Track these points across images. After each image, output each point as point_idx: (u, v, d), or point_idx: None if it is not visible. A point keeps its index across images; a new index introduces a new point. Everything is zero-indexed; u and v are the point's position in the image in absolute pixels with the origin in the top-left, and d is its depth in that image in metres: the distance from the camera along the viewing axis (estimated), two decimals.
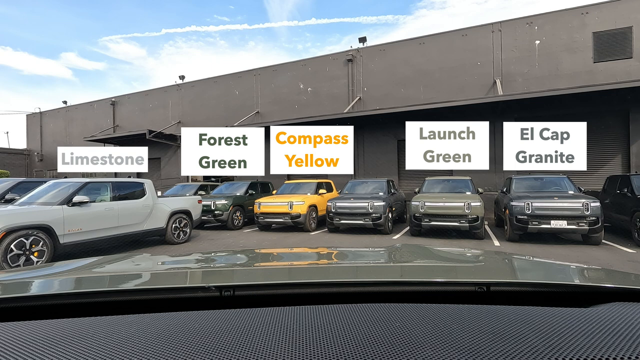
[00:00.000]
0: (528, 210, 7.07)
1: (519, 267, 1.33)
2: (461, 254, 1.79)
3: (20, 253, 5.29)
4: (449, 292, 0.90)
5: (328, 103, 14.94)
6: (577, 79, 11.33)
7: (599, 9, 11.45)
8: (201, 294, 0.85)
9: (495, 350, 0.54)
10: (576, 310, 0.70)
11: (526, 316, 0.67)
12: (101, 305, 0.83)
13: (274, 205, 9.76)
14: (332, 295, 0.90)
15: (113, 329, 0.66)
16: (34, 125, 24.41)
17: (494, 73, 12.54)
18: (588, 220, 6.75)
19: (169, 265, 1.47)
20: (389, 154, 13.87)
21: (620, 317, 0.67)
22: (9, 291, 0.94)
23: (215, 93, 17.90)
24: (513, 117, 11.96)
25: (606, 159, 11.29)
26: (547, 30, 12.01)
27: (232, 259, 1.65)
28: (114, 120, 21.02)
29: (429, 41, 13.70)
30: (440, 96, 12.71)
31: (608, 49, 11.28)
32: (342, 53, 15.15)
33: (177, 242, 7.94)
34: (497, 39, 12.57)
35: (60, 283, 1.13)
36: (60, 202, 6.06)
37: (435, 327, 0.63)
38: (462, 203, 7.73)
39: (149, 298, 0.88)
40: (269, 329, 0.63)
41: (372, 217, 8.62)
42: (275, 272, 1.36)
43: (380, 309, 0.72)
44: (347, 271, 1.34)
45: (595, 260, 5.84)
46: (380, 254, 1.67)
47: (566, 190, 7.90)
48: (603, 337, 0.58)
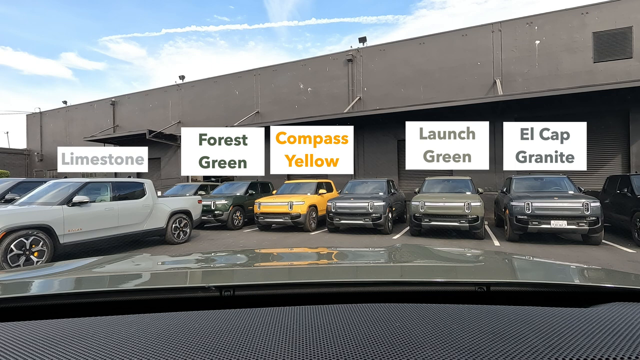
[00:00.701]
0: (528, 210, 7.07)
1: (519, 267, 1.33)
2: (461, 254, 1.78)
3: (20, 253, 5.29)
4: (449, 292, 0.89)
5: (328, 103, 14.94)
6: (577, 79, 11.34)
7: (599, 9, 11.45)
8: (201, 294, 0.85)
9: (495, 350, 0.54)
10: (576, 310, 0.70)
11: (526, 316, 0.67)
12: (101, 305, 0.83)
13: (274, 205, 9.76)
14: (332, 295, 0.90)
15: (113, 329, 0.66)
16: (34, 125, 24.41)
17: (494, 73, 12.54)
18: (588, 220, 6.75)
19: (169, 265, 1.47)
20: (389, 154, 13.88)
21: (620, 317, 0.67)
22: (9, 291, 0.94)
23: (215, 93, 17.90)
24: (513, 117, 11.96)
25: (606, 159, 11.29)
26: (547, 30, 12.01)
27: (232, 259, 1.65)
28: (114, 120, 21.02)
29: (429, 41, 13.70)
30: (440, 96, 12.71)
31: (608, 49, 11.28)
32: (342, 53, 15.15)
33: (177, 242, 7.94)
34: (497, 39, 12.58)
35: (60, 283, 1.13)
36: (60, 202, 6.06)
37: (435, 327, 0.63)
38: (462, 203, 7.73)
39: (149, 298, 0.88)
40: (269, 329, 0.63)
41: (372, 217, 8.62)
42: (275, 272, 1.35)
43: (380, 309, 0.72)
44: (347, 271, 1.33)
45: (595, 260, 5.83)
46: (380, 254, 1.67)
47: (566, 190, 7.90)
48: (603, 337, 0.58)
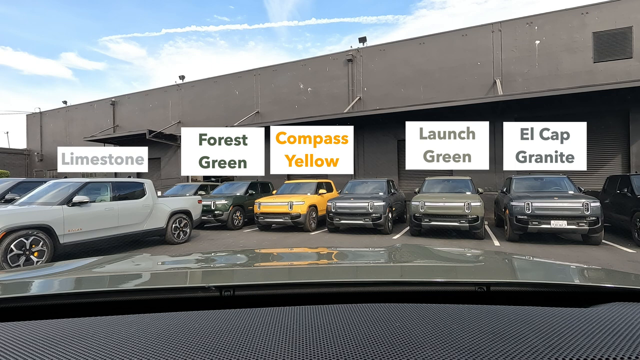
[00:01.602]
0: (528, 210, 7.07)
1: (518, 267, 1.32)
2: (461, 254, 1.78)
3: (20, 253, 5.29)
4: (449, 292, 0.89)
5: (328, 103, 14.93)
6: (577, 79, 11.33)
7: (599, 9, 11.45)
8: (201, 294, 0.85)
9: (495, 350, 0.54)
10: (576, 310, 0.70)
11: (526, 316, 0.67)
12: (101, 305, 0.83)
13: (274, 205, 9.76)
14: (332, 295, 0.89)
15: (113, 329, 0.66)
16: (34, 125, 24.40)
17: (494, 73, 12.54)
18: (588, 220, 6.75)
19: (168, 265, 1.47)
20: (389, 154, 13.87)
21: (620, 317, 0.67)
22: (8, 291, 0.94)
23: (215, 93, 17.90)
24: (513, 117, 11.95)
25: (606, 159, 11.29)
26: (547, 30, 12.01)
27: (232, 259, 1.64)
28: (114, 120, 21.01)
29: (429, 41, 13.70)
30: (440, 96, 12.71)
31: (608, 49, 11.28)
32: (342, 53, 15.15)
33: (177, 242, 7.94)
34: (497, 39, 12.57)
35: (60, 283, 1.13)
36: (60, 202, 6.06)
37: (435, 327, 0.63)
38: (462, 203, 7.72)
39: (149, 298, 0.88)
40: (269, 329, 0.63)
41: (372, 217, 8.62)
42: (275, 272, 1.35)
43: (380, 309, 0.72)
44: (346, 271, 1.33)
45: (595, 260, 5.83)
46: (380, 254, 1.67)
47: (566, 190, 7.90)
48: (603, 337, 0.58)
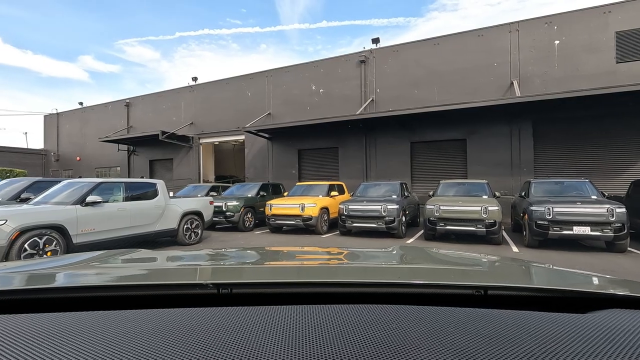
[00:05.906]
0: (549, 216, 6.81)
1: (517, 271, 1.34)
2: (460, 256, 1.77)
3: (33, 252, 5.31)
4: (447, 295, 0.89)
5: (340, 104, 14.80)
6: (598, 80, 10.95)
7: (622, 7, 11.06)
8: (199, 290, 0.85)
9: (491, 353, 0.54)
10: (573, 316, 0.70)
11: (523, 320, 0.68)
12: (98, 300, 0.84)
13: (286, 207, 9.68)
14: (329, 295, 0.89)
15: (109, 324, 0.66)
16: (51, 126, 24.90)
17: (511, 74, 12.23)
18: (613, 227, 6.46)
19: (167, 261, 1.47)
20: (402, 155, 13.67)
21: (617, 324, 0.66)
22: (6, 284, 0.94)
23: (227, 95, 17.96)
24: (530, 119, 11.66)
25: (628, 162, 10.87)
26: (567, 30, 11.66)
27: (231, 257, 1.66)
28: (128, 121, 21.30)
29: (443, 42, 13.46)
30: (454, 98, 12.45)
31: (632, 49, 10.88)
32: (354, 54, 15.01)
33: (189, 243, 7.92)
34: (514, 39, 12.27)
35: (57, 277, 1.13)
36: (74, 202, 6.09)
37: (432, 329, 0.63)
38: (479, 207, 7.51)
39: (146, 294, 0.87)
40: (266, 328, 0.63)
41: (385, 220, 8.46)
42: (274, 271, 1.34)
43: (377, 310, 0.73)
44: (345, 271, 1.33)
45: (621, 269, 5.57)
46: (378, 255, 1.65)
47: (588, 195, 7.61)
48: (599, 343, 0.58)
